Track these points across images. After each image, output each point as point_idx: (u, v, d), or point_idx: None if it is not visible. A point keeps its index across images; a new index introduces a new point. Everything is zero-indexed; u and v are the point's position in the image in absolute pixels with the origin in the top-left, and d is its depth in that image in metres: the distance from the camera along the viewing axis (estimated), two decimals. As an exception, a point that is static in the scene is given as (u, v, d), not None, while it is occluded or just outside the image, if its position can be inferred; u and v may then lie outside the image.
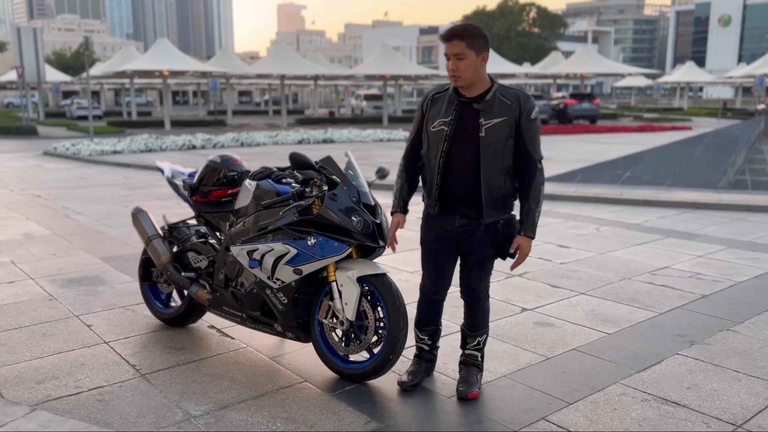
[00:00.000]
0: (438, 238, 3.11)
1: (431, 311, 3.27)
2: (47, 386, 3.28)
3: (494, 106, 2.90)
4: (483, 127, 2.89)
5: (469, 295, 3.18)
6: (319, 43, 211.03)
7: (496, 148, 2.90)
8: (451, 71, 2.88)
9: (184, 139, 18.85)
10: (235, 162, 3.92)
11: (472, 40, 2.85)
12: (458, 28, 2.88)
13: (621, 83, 70.13)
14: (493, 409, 3.07)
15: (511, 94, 2.93)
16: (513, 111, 2.89)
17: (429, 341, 3.32)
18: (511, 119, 2.89)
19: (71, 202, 9.28)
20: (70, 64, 75.02)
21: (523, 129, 2.91)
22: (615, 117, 38.03)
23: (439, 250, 3.12)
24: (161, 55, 29.76)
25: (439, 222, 3.09)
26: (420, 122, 3.12)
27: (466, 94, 2.96)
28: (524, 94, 2.94)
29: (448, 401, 3.13)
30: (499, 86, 2.96)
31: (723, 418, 2.97)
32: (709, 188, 9.74)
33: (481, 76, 2.93)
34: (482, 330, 3.23)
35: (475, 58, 2.86)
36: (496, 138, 2.88)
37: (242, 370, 3.51)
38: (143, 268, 4.25)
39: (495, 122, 2.89)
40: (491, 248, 3.06)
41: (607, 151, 16.50)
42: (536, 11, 73.58)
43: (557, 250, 6.21)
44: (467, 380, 3.20)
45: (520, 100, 2.91)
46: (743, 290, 4.91)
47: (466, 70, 2.86)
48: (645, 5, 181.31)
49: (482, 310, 3.21)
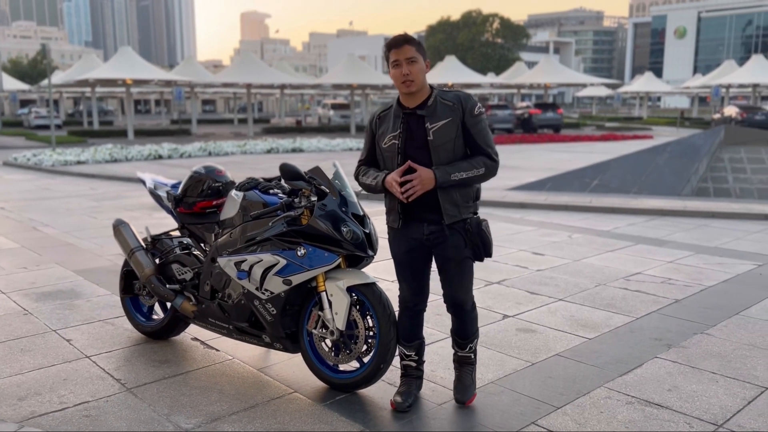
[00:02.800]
0: (410, 249, 3.10)
1: (413, 324, 3.24)
2: (31, 402, 3.21)
3: (437, 110, 2.97)
4: (430, 131, 2.95)
5: (456, 308, 3.16)
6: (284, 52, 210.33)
7: (446, 148, 2.96)
8: (404, 76, 2.91)
9: (150, 149, 18.58)
10: (219, 173, 3.91)
11: (419, 46, 2.96)
12: (406, 35, 2.96)
13: (582, 93, 71.65)
14: (483, 415, 3.12)
15: (450, 96, 3.01)
16: (456, 111, 2.96)
17: (416, 356, 3.27)
18: (456, 119, 2.96)
19: (37, 214, 9.06)
20: (27, 72, 73.19)
21: (469, 125, 2.97)
22: (578, 126, 38.82)
23: (413, 259, 3.12)
24: (124, 63, 29.29)
25: (407, 233, 3.07)
26: (371, 142, 3.16)
27: (410, 105, 3.01)
28: (464, 93, 3.01)
29: (439, 408, 3.17)
30: (438, 91, 3.04)
31: (704, 418, 3.07)
32: (675, 196, 10.03)
33: (425, 84, 3.00)
34: (473, 336, 3.25)
35: (422, 63, 2.95)
36: (445, 139, 2.95)
37: (230, 382, 3.49)
38: (124, 280, 4.19)
39: (440, 124, 2.95)
40: (466, 250, 3.04)
41: (573, 159, 16.84)
42: (499, 22, 74.80)
43: (532, 258, 6.32)
44: (463, 382, 3.22)
45: (461, 100, 2.98)
46: (713, 294, 5.08)
47: (418, 74, 2.93)
48: (604, 17, 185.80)
49: (471, 320, 3.20)
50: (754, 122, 29.09)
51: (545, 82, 39.29)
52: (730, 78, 38.77)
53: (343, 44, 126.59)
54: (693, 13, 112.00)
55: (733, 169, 11.49)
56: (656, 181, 10.41)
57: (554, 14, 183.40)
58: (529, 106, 33.45)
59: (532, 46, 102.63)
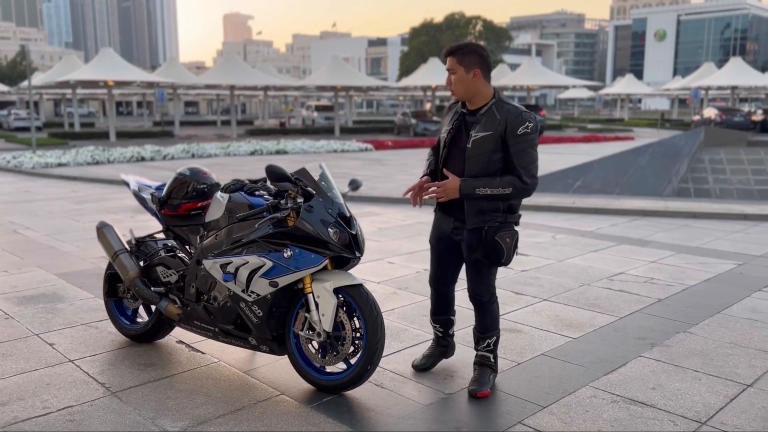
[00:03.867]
0: (439, 237, 3.39)
1: (439, 302, 3.55)
2: (13, 408, 3.17)
3: (484, 120, 3.09)
4: (471, 139, 3.10)
5: (473, 298, 3.36)
6: (267, 54, 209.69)
7: (479, 159, 3.07)
8: (447, 84, 3.15)
9: (132, 151, 18.42)
10: (204, 174, 3.88)
11: (463, 56, 3.08)
12: (453, 45, 3.13)
13: (565, 95, 72.30)
14: (470, 414, 3.13)
15: (503, 110, 3.06)
16: (499, 126, 3.04)
17: (441, 329, 3.59)
18: (497, 134, 3.04)
19: (18, 217, 8.95)
20: (6, 74, 72.20)
21: (510, 144, 3.04)
22: (560, 128, 39.12)
23: (440, 248, 3.40)
24: (106, 64, 28.99)
25: (440, 223, 3.37)
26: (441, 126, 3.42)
27: (469, 107, 3.20)
28: (517, 110, 3.04)
29: (427, 409, 3.18)
30: (496, 101, 3.11)
31: (688, 416, 3.11)
32: (656, 196, 10.14)
33: (478, 90, 3.12)
34: (491, 332, 3.36)
35: (464, 74, 3.07)
36: (480, 150, 3.07)
37: (216, 385, 3.47)
38: (108, 283, 4.15)
39: (481, 136, 3.07)
40: (477, 253, 3.18)
41: (557, 161, 16.96)
42: (482, 24, 75.08)
43: (517, 258, 6.35)
44: (479, 380, 3.33)
45: (508, 116, 3.03)
46: (695, 293, 5.15)
47: (457, 85, 3.10)
48: (585, 19, 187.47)
49: (489, 313, 3.35)
50: (733, 124, 29.55)
51: (528, 84, 39.54)
52: (709, 80, 39.32)
53: (327, 46, 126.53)
54: (672, 16, 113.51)
55: (713, 170, 11.66)
56: (638, 181, 10.53)
57: (536, 17, 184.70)
58: (513, 108, 33.60)
59: (514, 48, 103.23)
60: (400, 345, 4.03)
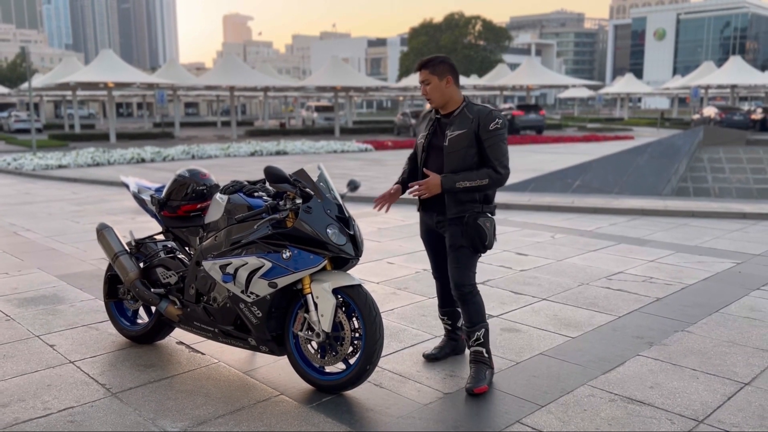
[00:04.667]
0: (426, 231, 3.67)
1: (444, 293, 3.73)
2: (14, 409, 3.19)
3: (457, 120, 3.39)
4: (447, 137, 3.39)
5: (456, 291, 3.45)
6: (267, 54, 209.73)
7: (457, 154, 3.35)
8: (423, 94, 3.43)
9: (132, 152, 18.45)
10: (203, 176, 3.90)
11: (434, 67, 3.37)
12: (424, 59, 3.44)
13: (564, 94, 72.30)
14: (468, 414, 3.14)
15: (474, 110, 3.37)
16: (472, 124, 3.33)
17: (449, 321, 3.78)
18: (470, 131, 3.32)
19: (18, 219, 8.97)
20: (6, 76, 72.32)
21: (483, 139, 3.32)
22: (560, 127, 39.14)
23: (430, 240, 3.67)
24: (106, 66, 29.04)
25: (424, 218, 3.64)
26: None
27: (442, 113, 3.49)
28: (487, 109, 3.36)
29: (425, 408, 3.19)
30: (467, 104, 3.43)
31: (685, 414, 3.12)
32: (655, 195, 10.15)
33: (451, 97, 3.42)
34: (479, 324, 3.44)
35: (438, 82, 3.37)
36: (458, 146, 3.35)
37: (216, 385, 3.49)
38: (108, 284, 4.17)
39: (456, 133, 3.36)
40: (462, 239, 3.38)
41: (556, 160, 16.98)
42: (482, 24, 75.16)
43: (516, 258, 6.37)
44: (475, 377, 3.40)
45: (480, 115, 3.33)
46: (693, 293, 5.16)
47: (433, 92, 3.39)
48: (585, 19, 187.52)
49: (474, 305, 3.44)
50: (733, 123, 29.54)
51: (527, 84, 39.57)
52: (709, 79, 39.34)
53: (327, 46, 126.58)
54: (672, 15, 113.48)
55: (712, 169, 11.67)
56: (637, 181, 10.54)
57: (536, 16, 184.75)
58: (512, 108, 33.67)
59: (514, 48, 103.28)
60: (399, 345, 4.04)
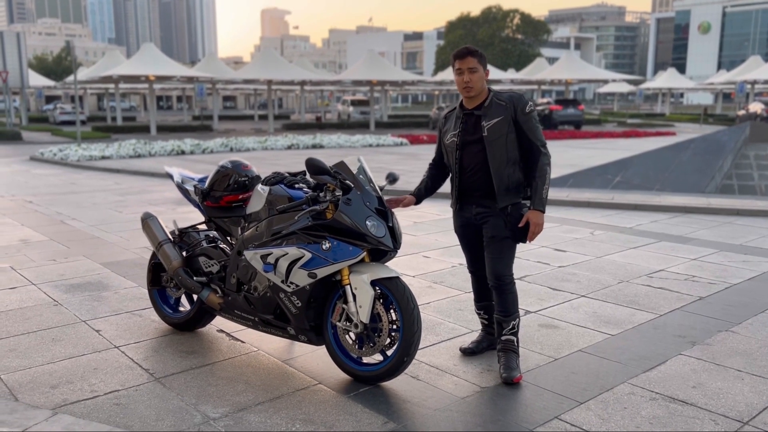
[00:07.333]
0: (463, 224, 3.64)
1: (478, 287, 3.75)
2: (63, 390, 3.30)
3: (492, 109, 3.41)
4: (485, 128, 3.39)
5: (495, 281, 3.47)
6: (303, 49, 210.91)
7: (499, 142, 3.37)
8: (465, 83, 3.40)
9: (172, 144, 18.79)
10: (245, 167, 3.96)
11: (481, 57, 3.43)
12: (470, 47, 3.47)
13: (604, 89, 70.90)
14: (506, 409, 3.14)
15: (504, 97, 3.43)
16: (508, 109, 3.38)
17: (486, 315, 3.78)
18: (508, 116, 3.37)
19: (64, 208, 9.23)
20: (52, 69, 74.25)
21: (521, 122, 3.38)
22: (599, 122, 38.45)
23: (466, 233, 3.65)
24: (147, 59, 29.62)
25: (461, 213, 3.62)
26: (439, 138, 3.68)
27: (469, 107, 3.48)
28: (517, 94, 3.45)
29: (462, 402, 3.20)
30: (494, 92, 3.48)
31: (730, 415, 3.06)
32: (698, 193, 9.91)
33: (485, 86, 3.48)
34: (514, 314, 3.49)
35: (482, 72, 3.43)
36: (498, 134, 3.36)
37: (256, 373, 3.55)
38: (152, 272, 4.27)
39: (494, 122, 3.38)
40: (505, 230, 3.40)
41: (595, 156, 16.71)
42: (520, 18, 74.15)
43: (554, 254, 6.30)
44: (508, 365, 3.43)
45: (513, 99, 3.41)
46: (738, 292, 5.03)
47: (477, 82, 3.40)
48: (626, 12, 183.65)
49: (511, 294, 3.48)
50: (781, 119, 28.56)
51: (566, 78, 38.97)
52: (756, 74, 38.17)
53: (363, 40, 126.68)
54: (718, 8, 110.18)
55: (759, 166, 11.33)
56: (679, 178, 10.31)
57: (575, 9, 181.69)
58: (550, 102, 33.21)
59: (552, 41, 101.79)
60: (436, 338, 4.05)
